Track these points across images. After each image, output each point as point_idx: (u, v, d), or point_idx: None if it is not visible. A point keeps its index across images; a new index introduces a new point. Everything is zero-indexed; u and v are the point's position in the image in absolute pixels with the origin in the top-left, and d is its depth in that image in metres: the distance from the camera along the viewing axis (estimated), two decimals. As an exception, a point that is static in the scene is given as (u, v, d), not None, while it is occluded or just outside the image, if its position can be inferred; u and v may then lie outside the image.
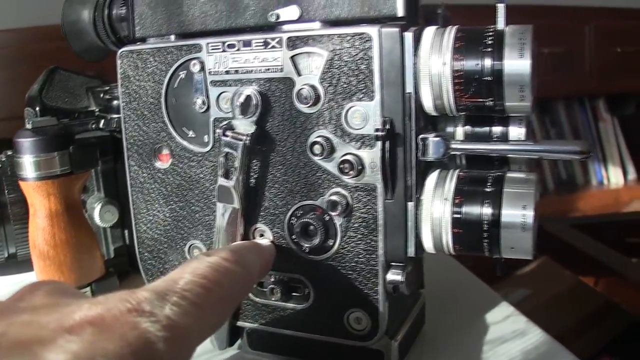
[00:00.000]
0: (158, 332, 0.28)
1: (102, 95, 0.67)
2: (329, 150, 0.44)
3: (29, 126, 0.59)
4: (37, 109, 0.64)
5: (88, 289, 0.61)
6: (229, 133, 0.45)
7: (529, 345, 0.53)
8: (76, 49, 0.57)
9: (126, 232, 0.68)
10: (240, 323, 0.51)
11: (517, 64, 0.40)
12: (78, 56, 0.58)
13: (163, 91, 0.49)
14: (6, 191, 0.67)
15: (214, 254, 0.37)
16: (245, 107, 0.45)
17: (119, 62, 0.51)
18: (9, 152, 0.69)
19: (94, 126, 0.66)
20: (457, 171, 0.45)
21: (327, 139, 0.44)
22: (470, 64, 0.41)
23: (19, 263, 0.70)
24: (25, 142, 0.58)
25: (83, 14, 0.55)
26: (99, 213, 0.65)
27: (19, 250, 0.69)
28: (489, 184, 0.43)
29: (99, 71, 0.75)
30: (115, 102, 0.65)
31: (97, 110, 0.69)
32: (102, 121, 0.65)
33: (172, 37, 0.50)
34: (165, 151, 0.50)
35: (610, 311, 1.61)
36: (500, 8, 0.42)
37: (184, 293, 0.32)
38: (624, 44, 2.47)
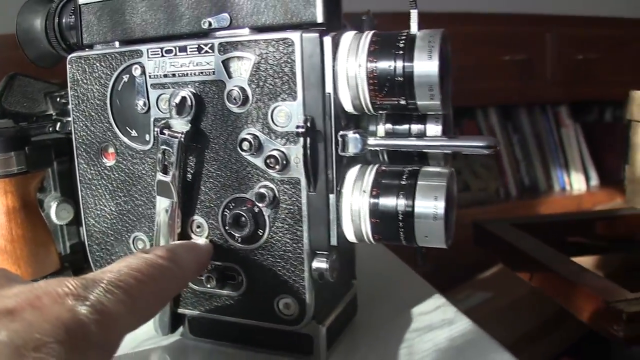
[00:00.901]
0: (90, 315, 0.31)
1: (58, 99, 0.70)
2: (257, 146, 0.47)
3: (-13, 128, 0.62)
4: (-3, 113, 0.66)
5: (44, 282, 0.64)
6: (165, 131, 0.48)
7: (456, 333, 0.56)
8: (30, 56, 0.60)
9: (82, 229, 0.70)
10: (181, 310, 0.53)
11: (426, 65, 0.43)
12: (32, 63, 0.60)
13: (108, 94, 0.52)
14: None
15: (151, 251, 0.40)
16: (180, 108, 0.48)
17: (68, 67, 0.54)
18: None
19: (50, 129, 0.68)
20: (376, 166, 0.48)
21: (255, 136, 0.47)
22: (383, 65, 0.44)
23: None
24: (-16, 144, 0.61)
25: (35, 23, 0.58)
26: (55, 211, 0.68)
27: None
28: (404, 177, 0.46)
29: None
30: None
31: (54, 114, 0.71)
32: (59, 124, 0.68)
33: (117, 43, 0.53)
34: (111, 150, 0.53)
35: (568, 318, 1.65)
36: (413, 14, 0.45)
37: (118, 283, 0.35)
38: (585, 52, 2.50)
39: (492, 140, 0.45)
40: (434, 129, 0.48)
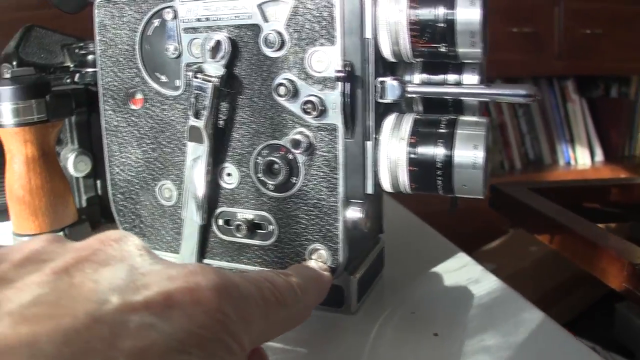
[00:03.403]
0: (237, 320, 0.30)
1: (77, 50, 0.70)
2: (293, 92, 0.47)
3: (7, 76, 0.62)
4: (14, 63, 0.66)
5: (61, 233, 0.64)
6: (199, 75, 0.48)
7: (482, 291, 0.57)
8: (54, 0, 0.60)
9: (98, 182, 0.71)
10: (207, 261, 0.54)
11: (468, 12, 0.43)
12: (56, 7, 0.60)
13: (138, 39, 0.52)
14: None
15: (289, 276, 0.39)
16: (215, 51, 0.48)
17: (96, 11, 0.54)
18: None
19: (68, 80, 0.69)
20: (413, 114, 0.48)
21: (291, 81, 0.47)
22: (425, 11, 0.44)
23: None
24: (4, 90, 0.60)
25: (61, -35, 0.58)
26: (72, 163, 0.68)
27: (-7, 200, 0.71)
28: (442, 125, 0.46)
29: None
30: (90, 57, 0.68)
31: (72, 65, 0.71)
32: (77, 75, 0.68)
33: (147, -13, 0.53)
34: (139, 96, 0.53)
35: (582, 282, 1.66)
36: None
37: (264, 297, 0.34)
38: (592, 26, 2.51)
39: (532, 88, 0.46)
40: (471, 78, 0.48)
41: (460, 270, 0.61)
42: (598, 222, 1.04)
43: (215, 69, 0.48)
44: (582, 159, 2.68)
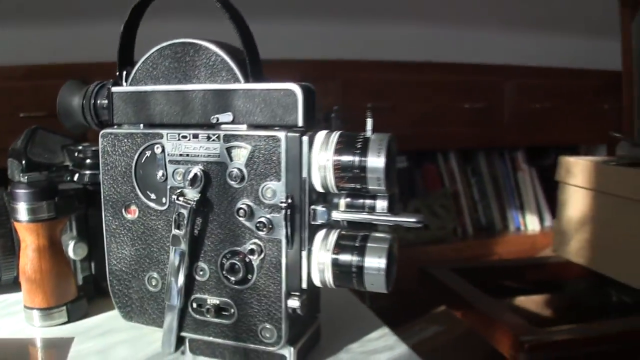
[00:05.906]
0: None
1: (76, 153, 0.90)
2: (250, 213, 0.68)
3: (23, 179, 0.82)
4: (23, 162, 0.86)
5: (64, 307, 0.84)
6: (181, 198, 0.69)
7: (395, 356, 0.77)
8: (66, 125, 0.81)
9: (92, 264, 0.91)
10: (183, 333, 0.74)
11: (375, 161, 0.64)
12: (68, 130, 0.81)
13: (133, 164, 0.73)
14: (-5, 227, 0.90)
15: None
16: (193, 181, 0.69)
17: (100, 139, 0.75)
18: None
19: (68, 179, 0.89)
20: (338, 230, 0.69)
21: (248, 205, 0.68)
22: (345, 160, 0.65)
23: (2, 287, 0.93)
24: (21, 193, 0.81)
25: (74, 101, 0.79)
26: (72, 249, 0.88)
27: (3, 275, 0.91)
28: (358, 240, 0.67)
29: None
30: (87, 161, 0.89)
31: (71, 165, 0.91)
32: (77, 175, 0.88)
33: (141, 125, 0.73)
34: (133, 207, 0.74)
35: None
36: (369, 121, 0.66)
37: None
38: (541, 101, 2.77)
39: (422, 217, 0.67)
40: (381, 204, 0.69)
41: (379, 340, 0.82)
42: (514, 297, 1.25)
43: (192, 193, 0.69)
44: (531, 224, 2.94)
